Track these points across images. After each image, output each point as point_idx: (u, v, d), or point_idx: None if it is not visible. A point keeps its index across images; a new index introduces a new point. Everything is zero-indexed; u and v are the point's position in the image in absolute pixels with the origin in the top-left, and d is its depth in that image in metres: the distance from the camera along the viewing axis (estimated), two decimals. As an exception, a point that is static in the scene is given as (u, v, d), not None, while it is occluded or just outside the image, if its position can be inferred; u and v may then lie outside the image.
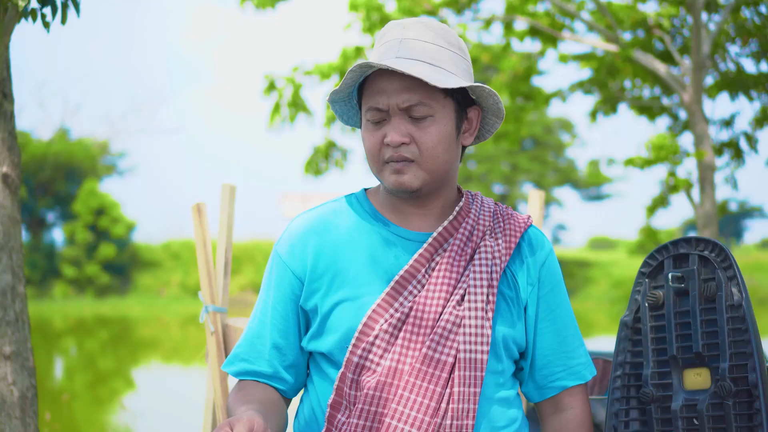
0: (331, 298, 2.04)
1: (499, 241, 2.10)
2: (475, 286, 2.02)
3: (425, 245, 2.05)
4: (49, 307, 26.40)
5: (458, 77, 2.01)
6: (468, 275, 2.03)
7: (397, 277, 2.02)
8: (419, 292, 2.03)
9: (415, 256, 2.04)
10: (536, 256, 2.14)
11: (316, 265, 2.07)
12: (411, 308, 2.01)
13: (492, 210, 2.16)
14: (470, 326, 1.99)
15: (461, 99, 2.05)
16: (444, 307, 2.01)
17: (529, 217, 2.19)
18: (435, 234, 2.06)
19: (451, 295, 2.02)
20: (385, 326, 1.99)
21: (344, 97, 2.11)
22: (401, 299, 2.01)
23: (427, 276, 2.04)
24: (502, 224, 2.14)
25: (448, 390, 1.97)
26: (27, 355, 3.09)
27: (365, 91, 2.04)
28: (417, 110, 1.98)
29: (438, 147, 2.01)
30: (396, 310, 2.01)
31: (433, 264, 2.05)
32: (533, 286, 2.11)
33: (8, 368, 3.03)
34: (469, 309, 2.00)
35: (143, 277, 30.03)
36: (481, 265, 2.04)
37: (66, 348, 17.62)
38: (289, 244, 2.12)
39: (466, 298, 2.01)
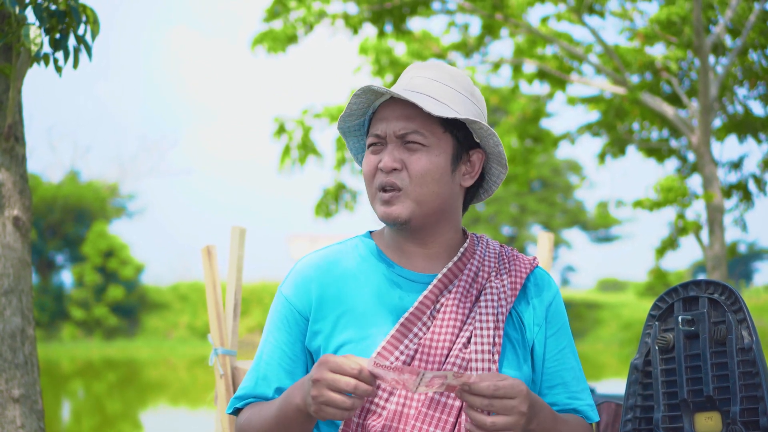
0: (335, 339, 2.03)
1: (505, 282, 2.09)
2: (482, 329, 2.01)
3: (430, 286, 2.04)
4: (57, 349, 26.35)
5: (460, 114, 2.02)
6: (474, 317, 2.02)
7: (402, 319, 2.01)
8: (424, 334, 2.01)
9: (420, 297, 2.03)
10: (543, 296, 2.13)
11: (321, 305, 2.06)
12: (416, 350, 1.99)
13: (497, 251, 2.15)
14: (477, 369, 1.97)
15: (462, 138, 2.06)
16: (450, 349, 2.00)
17: (534, 258, 2.18)
18: (440, 275, 2.05)
19: (457, 337, 2.01)
20: None
21: (357, 132, 2.14)
22: (406, 341, 2.00)
23: (432, 318, 2.03)
24: (507, 265, 2.13)
25: (455, 435, 1.95)
26: (36, 398, 3.09)
27: (371, 122, 2.09)
28: (411, 137, 2.01)
29: (426, 176, 2.01)
30: (401, 353, 1.99)
31: (438, 306, 2.04)
32: (540, 326, 2.10)
33: (17, 411, 3.02)
34: (476, 351, 1.99)
35: (151, 319, 29.97)
36: (487, 306, 2.03)
37: (74, 391, 17.57)
38: (294, 284, 2.11)
39: (473, 340, 2.00)
